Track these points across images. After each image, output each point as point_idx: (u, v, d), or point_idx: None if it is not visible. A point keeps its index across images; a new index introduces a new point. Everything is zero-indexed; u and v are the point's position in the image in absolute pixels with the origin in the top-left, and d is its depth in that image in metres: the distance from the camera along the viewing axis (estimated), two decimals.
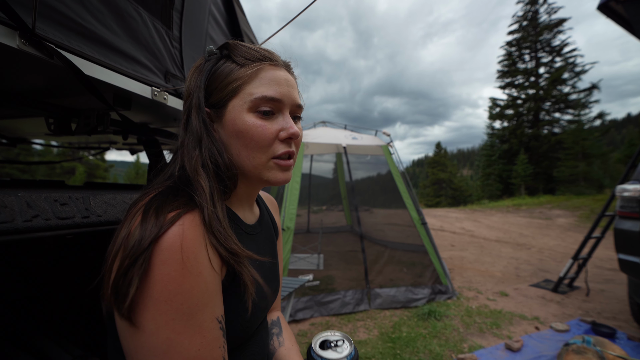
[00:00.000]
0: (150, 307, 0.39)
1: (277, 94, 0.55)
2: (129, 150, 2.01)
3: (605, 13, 3.07)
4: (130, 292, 0.39)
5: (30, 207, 0.58)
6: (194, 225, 0.44)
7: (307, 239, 5.32)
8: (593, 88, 21.57)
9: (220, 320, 0.46)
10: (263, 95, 0.53)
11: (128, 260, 0.40)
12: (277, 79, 0.56)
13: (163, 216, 0.43)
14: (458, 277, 4.73)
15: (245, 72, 0.54)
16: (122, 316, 0.40)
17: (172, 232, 0.42)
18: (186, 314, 0.41)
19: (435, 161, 41.87)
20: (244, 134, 0.53)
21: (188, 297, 0.41)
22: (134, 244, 0.40)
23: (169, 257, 0.40)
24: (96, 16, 0.76)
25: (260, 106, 0.54)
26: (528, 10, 25.86)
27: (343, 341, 0.57)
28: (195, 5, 1.23)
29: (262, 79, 0.55)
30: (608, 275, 4.79)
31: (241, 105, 0.54)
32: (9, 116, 1.18)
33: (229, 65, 0.56)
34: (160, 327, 0.39)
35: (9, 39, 0.57)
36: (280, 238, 0.83)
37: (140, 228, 0.42)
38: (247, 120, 0.53)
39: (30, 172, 14.24)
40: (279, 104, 0.55)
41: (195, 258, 0.42)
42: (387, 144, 4.65)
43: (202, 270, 0.43)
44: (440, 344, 2.77)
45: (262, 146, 0.54)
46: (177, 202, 0.46)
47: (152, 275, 0.40)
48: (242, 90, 0.54)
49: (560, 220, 11.12)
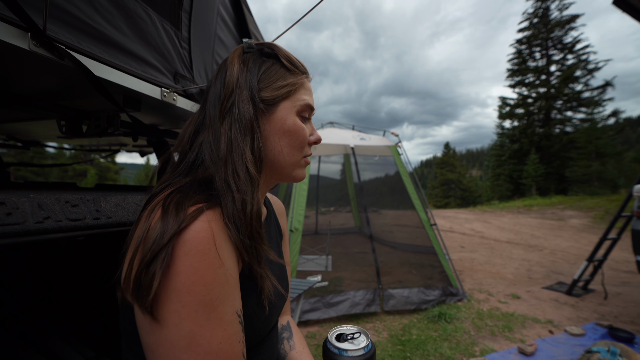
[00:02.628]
0: (173, 299, 0.39)
1: (313, 104, 0.64)
2: (139, 152, 2.03)
3: (621, 7, 2.98)
4: (153, 286, 0.39)
5: (41, 208, 0.57)
6: (216, 218, 0.45)
7: (315, 240, 5.31)
8: (607, 85, 21.04)
9: (240, 315, 0.46)
10: (308, 103, 0.61)
11: (150, 255, 0.39)
12: (311, 91, 0.65)
13: (183, 211, 0.43)
14: (468, 279, 4.65)
15: (296, 79, 0.61)
16: (145, 310, 0.40)
17: (195, 224, 0.42)
18: (208, 305, 0.41)
19: (444, 161, 41.44)
20: (292, 133, 0.59)
21: (210, 288, 0.41)
22: (155, 238, 0.40)
23: (192, 249, 0.41)
24: (106, 17, 0.76)
25: (303, 112, 0.61)
26: (539, 7, 25.41)
27: (360, 334, 0.55)
28: (203, 6, 1.23)
29: (305, 88, 0.63)
30: (625, 278, 4.66)
31: (291, 107, 0.59)
32: (22, 119, 1.20)
33: (280, 69, 0.60)
34: (183, 319, 0.39)
35: (20, 40, 0.57)
36: (286, 241, 0.83)
37: (162, 222, 0.41)
38: (296, 121, 0.60)
39: (44, 174, 14.58)
40: (311, 112, 0.64)
41: (217, 250, 0.43)
42: (395, 145, 4.61)
43: (223, 262, 0.43)
44: (451, 347, 2.72)
45: (302, 146, 0.61)
46: (198, 197, 0.47)
47: (174, 266, 0.40)
48: (293, 94, 0.60)
49: (573, 221, 10.86)
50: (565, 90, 22.98)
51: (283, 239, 0.81)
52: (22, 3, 0.54)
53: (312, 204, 6.57)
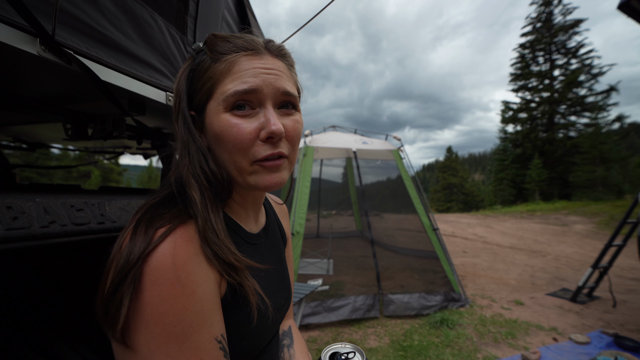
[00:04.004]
0: (142, 330, 0.37)
1: (252, 85, 0.47)
2: (143, 155, 2.04)
3: (626, 12, 2.98)
4: (121, 314, 0.37)
5: (47, 213, 0.58)
6: (186, 241, 0.42)
7: (316, 243, 5.29)
8: (611, 90, 20.94)
9: (220, 340, 0.43)
10: (235, 90, 0.47)
11: (117, 278, 0.38)
12: (254, 69, 0.49)
13: (152, 230, 0.41)
14: (471, 285, 4.62)
15: (217, 68, 0.49)
16: (114, 339, 0.39)
17: (162, 249, 0.40)
18: (180, 336, 0.39)
19: (446, 166, 41.35)
20: (220, 137, 0.48)
21: (181, 318, 0.39)
22: (121, 261, 0.39)
23: (159, 277, 0.38)
24: (113, 22, 0.77)
25: (234, 104, 0.48)
26: (542, 11, 25.43)
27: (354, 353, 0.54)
28: (209, 10, 1.25)
29: (234, 73, 0.48)
30: (630, 285, 4.60)
31: (216, 107, 0.49)
32: (28, 122, 1.21)
33: (206, 62, 0.51)
34: (154, 351, 0.37)
35: (29, 45, 0.57)
36: (289, 245, 0.80)
37: (129, 244, 0.40)
38: (222, 121, 0.48)
39: (49, 175, 14.69)
40: (258, 95, 0.48)
41: (187, 276, 0.40)
42: (397, 149, 4.61)
43: (195, 289, 0.40)
44: (453, 354, 2.69)
45: (240, 148, 0.48)
46: (168, 215, 0.44)
47: (142, 296, 0.38)
48: (215, 90, 0.49)
49: (577, 227, 10.77)
50: (569, 94, 22.91)
51: (287, 244, 0.78)
52: (32, 9, 0.55)
53: (314, 207, 6.57)
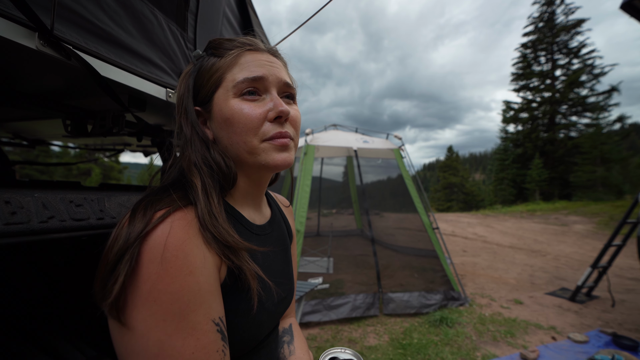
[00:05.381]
0: (139, 307, 0.39)
1: (259, 73, 0.54)
2: (143, 152, 2.04)
3: (628, 12, 2.96)
4: (115, 288, 0.38)
5: (46, 208, 0.57)
6: (184, 223, 0.43)
7: (317, 242, 5.30)
8: (612, 90, 20.87)
9: (218, 323, 0.44)
10: (244, 77, 0.53)
11: (115, 257, 0.39)
12: (258, 60, 0.55)
13: (151, 213, 0.43)
14: (470, 284, 4.62)
15: (224, 61, 0.55)
16: (110, 315, 0.40)
17: (160, 229, 0.41)
18: (177, 314, 0.39)
19: (447, 165, 41.31)
20: (231, 120, 0.52)
21: (178, 297, 0.40)
22: (120, 241, 0.40)
23: (157, 255, 0.39)
24: (113, 17, 0.76)
25: (244, 90, 0.53)
26: (544, 11, 25.33)
27: None
28: (209, 7, 1.24)
29: (242, 64, 0.54)
30: (629, 285, 4.60)
31: (225, 94, 0.54)
32: (28, 117, 1.20)
33: (211, 60, 0.56)
34: (151, 328, 0.38)
35: (28, 40, 0.57)
36: (294, 243, 0.80)
37: (129, 225, 0.42)
38: (232, 105, 0.53)
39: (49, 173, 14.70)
40: (264, 83, 0.54)
41: (185, 256, 0.41)
42: (398, 148, 4.61)
43: (193, 270, 0.41)
44: (452, 352, 2.70)
45: (251, 128, 0.52)
46: (167, 199, 0.46)
47: (140, 274, 0.39)
48: (224, 79, 0.54)
49: (577, 227, 10.77)
50: (570, 95, 22.84)
51: (292, 242, 0.78)
52: (30, 3, 0.54)
53: (314, 205, 6.57)
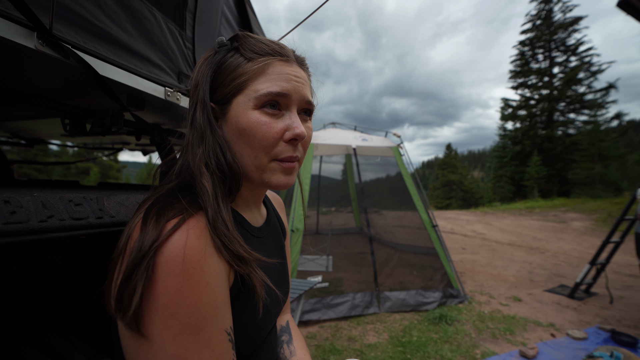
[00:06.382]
0: (157, 321, 0.38)
1: (284, 89, 0.51)
2: (142, 151, 2.03)
3: (625, 10, 2.97)
4: (134, 301, 0.37)
5: (45, 207, 0.58)
6: (198, 232, 0.42)
7: (316, 240, 5.30)
8: (610, 88, 20.93)
9: (229, 332, 0.44)
10: (269, 91, 0.50)
11: (130, 267, 0.38)
12: (286, 74, 0.52)
13: (164, 220, 0.41)
14: (469, 281, 4.64)
15: (252, 67, 0.51)
16: (127, 326, 0.39)
17: (176, 240, 0.40)
18: (194, 327, 0.39)
19: (446, 163, 41.35)
20: (247, 131, 0.50)
21: (196, 309, 0.39)
22: (134, 250, 0.39)
23: (174, 268, 0.39)
24: (111, 17, 0.76)
25: (266, 103, 0.51)
26: (542, 8, 25.33)
27: None
28: (207, 6, 1.24)
29: (269, 74, 0.51)
30: (627, 282, 4.63)
31: (246, 102, 0.51)
32: (26, 117, 1.20)
33: (237, 59, 0.53)
34: (168, 342, 0.38)
35: (27, 39, 0.57)
36: (288, 238, 0.81)
37: (141, 233, 0.40)
38: (251, 117, 0.50)
39: (47, 172, 14.65)
40: (286, 100, 0.52)
41: (201, 268, 0.40)
42: (397, 146, 4.61)
43: (209, 281, 0.41)
44: (451, 349, 2.71)
45: (265, 145, 0.51)
46: (179, 206, 0.44)
47: (157, 287, 0.38)
48: (247, 86, 0.51)
49: (575, 224, 10.81)
50: (568, 92, 22.89)
51: (285, 238, 0.78)
52: (29, 3, 0.54)
53: (313, 204, 6.57)
